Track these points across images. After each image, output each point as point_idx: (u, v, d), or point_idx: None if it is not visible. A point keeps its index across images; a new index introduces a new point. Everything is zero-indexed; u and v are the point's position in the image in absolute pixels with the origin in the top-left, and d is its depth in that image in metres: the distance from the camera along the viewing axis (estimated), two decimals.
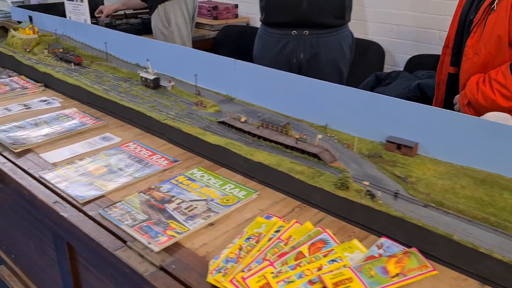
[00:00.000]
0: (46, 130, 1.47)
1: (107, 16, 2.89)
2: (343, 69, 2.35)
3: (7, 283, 1.51)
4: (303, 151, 1.20)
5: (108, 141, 1.42)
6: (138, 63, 1.97)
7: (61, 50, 2.16)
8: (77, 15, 2.24)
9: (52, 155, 1.33)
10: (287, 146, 1.23)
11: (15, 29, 2.43)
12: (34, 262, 1.33)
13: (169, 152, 1.35)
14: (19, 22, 2.59)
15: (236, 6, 3.41)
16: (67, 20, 2.31)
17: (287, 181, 1.10)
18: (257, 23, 3.61)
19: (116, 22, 2.97)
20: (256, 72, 1.52)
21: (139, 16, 3.16)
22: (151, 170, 1.24)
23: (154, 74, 1.76)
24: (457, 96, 1.74)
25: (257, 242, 0.92)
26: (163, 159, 1.31)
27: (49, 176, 1.20)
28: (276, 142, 1.25)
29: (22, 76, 2.02)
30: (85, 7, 2.16)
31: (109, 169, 1.24)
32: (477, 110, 1.63)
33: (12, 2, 5.34)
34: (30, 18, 2.59)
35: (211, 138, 1.29)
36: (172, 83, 1.71)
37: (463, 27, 1.75)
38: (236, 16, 3.41)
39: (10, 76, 2.06)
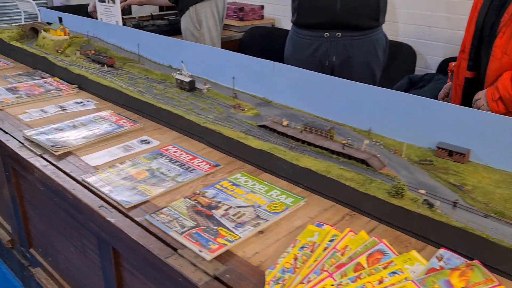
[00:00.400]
0: (84, 132, 1.46)
1: (128, 7, 2.88)
2: (376, 72, 2.31)
3: (44, 286, 1.51)
4: (350, 157, 1.17)
5: (146, 145, 1.41)
6: (170, 65, 1.96)
7: (92, 51, 2.16)
8: (108, 17, 2.24)
9: (92, 158, 1.32)
10: (333, 152, 1.20)
11: (45, 30, 2.44)
12: (74, 266, 1.32)
13: (209, 156, 1.33)
14: (49, 24, 2.60)
15: (262, 7, 3.39)
16: (98, 21, 2.31)
17: (337, 188, 1.07)
18: (283, 24, 3.58)
19: (143, 23, 2.97)
20: (296, 74, 1.50)
21: (165, 17, 3.16)
22: (194, 175, 1.22)
23: (189, 76, 1.74)
24: (482, 92, 1.69)
25: (312, 251, 0.89)
26: (205, 163, 1.29)
27: (92, 180, 1.18)
28: (321, 147, 1.22)
29: (55, 78, 2.03)
30: (116, 8, 2.16)
31: (151, 173, 1.23)
32: (509, 105, 1.60)
33: (36, 4, 5.40)
34: (60, 19, 2.60)
35: (254, 143, 1.26)
36: (208, 86, 1.69)
37: (481, 31, 1.72)
38: (262, 17, 3.39)
39: (43, 78, 2.06)
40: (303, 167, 1.13)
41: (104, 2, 2.22)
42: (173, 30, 3.07)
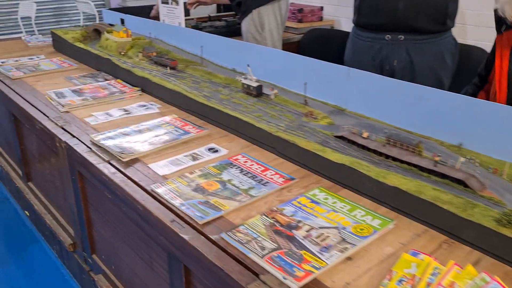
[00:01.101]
0: (150, 138, 1.42)
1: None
2: (443, 79, 2.15)
3: None
4: (444, 176, 1.05)
5: (215, 153, 1.34)
6: (234, 68, 1.89)
7: (154, 53, 2.13)
8: (171, 18, 2.21)
9: (160, 167, 1.26)
10: (423, 169, 1.09)
11: (108, 32, 2.45)
12: (139, 278, 1.28)
13: (282, 168, 1.25)
14: (111, 25, 2.61)
15: (321, 8, 3.28)
16: (160, 23, 2.29)
17: (432, 211, 0.96)
18: (342, 26, 3.46)
19: (201, 24, 2.93)
20: (372, 81, 1.39)
21: (223, 18, 3.11)
22: (268, 189, 1.14)
23: (255, 81, 1.67)
24: None
25: (413, 286, 0.79)
26: (278, 175, 1.21)
27: (162, 191, 1.13)
28: (409, 164, 1.11)
29: (119, 80, 2.01)
30: (180, 10, 2.12)
31: (222, 185, 1.16)
32: None
33: (94, 5, 5.53)
34: (122, 21, 2.60)
35: (333, 156, 1.17)
36: (275, 91, 1.61)
37: None
38: (321, 19, 3.29)
39: (106, 80, 2.05)
40: (391, 185, 1.03)
41: (167, 3, 2.19)
42: (231, 31, 3.01)
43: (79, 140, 1.44)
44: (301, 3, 3.46)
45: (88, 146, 1.39)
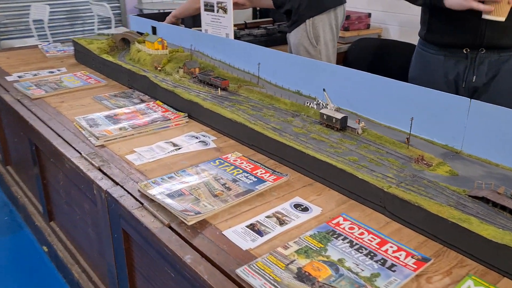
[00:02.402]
0: (217, 188, 1.10)
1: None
2: None
3: None
4: None
5: (304, 213, 1.03)
6: (299, 90, 1.58)
7: (197, 69, 1.82)
8: (216, 28, 1.90)
9: (239, 235, 0.95)
10: None
11: (139, 42, 2.14)
12: None
13: (402, 239, 0.93)
14: (140, 33, 2.31)
15: (369, 15, 2.96)
16: (202, 33, 1.98)
17: None
18: (391, 35, 3.14)
19: (239, 33, 2.62)
20: (502, 116, 1.08)
21: (261, 26, 2.80)
22: (400, 276, 0.82)
23: (336, 110, 1.36)
24: None
25: None
26: (403, 252, 0.89)
27: (254, 280, 0.81)
28: None
29: (158, 102, 1.70)
30: (229, 19, 1.81)
31: (334, 269, 0.84)
32: None
33: (112, 7, 5.23)
34: (154, 29, 2.30)
35: (485, 230, 0.85)
36: (362, 124, 1.29)
37: None
38: (368, 26, 2.97)
39: (143, 100, 1.74)
40: None
41: (212, 11, 1.88)
42: (271, 40, 2.70)
43: (125, 190, 1.13)
44: (347, 9, 3.14)
45: (137, 200, 1.08)
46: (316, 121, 1.37)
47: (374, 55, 2.73)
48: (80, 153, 1.32)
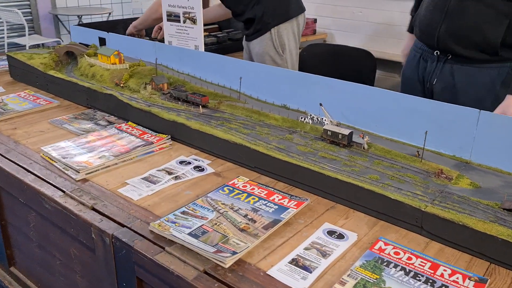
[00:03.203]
0: (241, 221, 1.01)
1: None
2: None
3: None
4: None
5: (340, 240, 0.97)
6: (285, 104, 1.52)
7: (166, 85, 1.69)
8: (183, 40, 1.77)
9: (285, 273, 0.87)
10: None
11: (89, 55, 1.94)
12: None
13: (452, 261, 0.91)
14: (86, 45, 2.10)
15: (315, 21, 2.98)
16: (165, 45, 1.84)
17: None
18: (336, 40, 3.20)
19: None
20: (510, 125, 1.11)
21: (211, 34, 2.69)
22: None
23: (336, 125, 1.32)
24: None
25: None
26: (460, 275, 0.87)
27: None
28: None
29: (131, 123, 1.54)
30: (198, 30, 1.70)
31: None
32: None
33: (23, 13, 4.78)
34: (102, 41, 2.10)
35: None
36: (367, 138, 1.27)
37: None
38: (314, 32, 2.99)
39: (110, 123, 1.57)
40: None
41: (177, 22, 1.75)
42: (222, 49, 2.61)
43: (135, 232, 0.99)
44: None
45: (155, 243, 0.95)
46: (317, 137, 1.32)
47: (326, 61, 2.75)
48: (63, 191, 1.15)
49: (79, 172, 1.22)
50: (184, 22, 1.73)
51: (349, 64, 2.59)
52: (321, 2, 2.96)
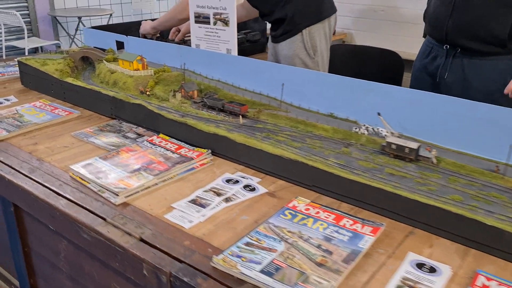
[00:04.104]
0: (315, 252, 0.88)
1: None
2: (504, 104, 1.81)
3: None
4: None
5: (435, 275, 0.85)
6: (332, 112, 1.39)
7: (196, 92, 1.56)
8: (213, 43, 1.64)
9: None
10: None
11: (108, 61, 1.81)
12: None
13: None
14: (103, 50, 1.96)
15: None
16: (193, 49, 1.70)
17: None
18: (356, 40, 3.08)
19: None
20: None
21: (241, 31, 2.55)
22: None
23: (397, 136, 1.19)
24: None
25: None
26: None
27: None
28: None
29: (163, 136, 1.41)
30: (231, 33, 1.57)
31: None
32: None
33: (20, 15, 4.62)
34: (119, 45, 1.96)
35: None
36: (434, 151, 1.14)
37: None
38: (334, 32, 2.86)
39: (139, 135, 1.44)
40: None
41: (207, 24, 1.62)
42: (241, 51, 2.47)
43: (195, 269, 0.86)
44: None
45: (222, 283, 0.82)
46: (377, 151, 1.20)
47: (349, 63, 2.62)
48: (103, 218, 1.01)
49: (118, 195, 1.08)
50: (215, 24, 1.60)
51: (375, 66, 2.47)
52: (339, 0, 2.84)
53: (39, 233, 1.22)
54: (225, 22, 1.57)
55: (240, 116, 1.39)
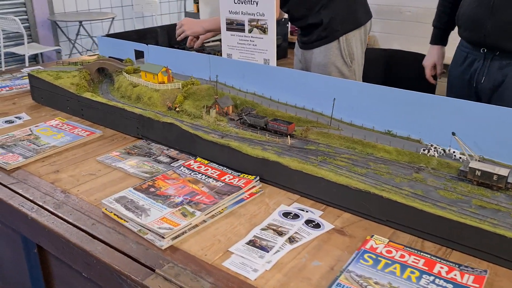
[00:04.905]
0: None
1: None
2: None
3: None
4: None
5: None
6: (390, 130, 1.24)
7: (231, 108, 1.41)
8: (248, 53, 1.48)
9: None
10: None
11: (128, 72, 1.65)
12: None
13: None
14: (120, 60, 1.81)
15: None
16: (224, 59, 1.55)
17: None
18: (378, 44, 2.92)
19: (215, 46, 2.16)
20: None
21: None
22: None
23: (478, 160, 1.04)
24: None
25: None
26: None
27: None
28: None
29: (202, 160, 1.25)
30: (270, 41, 1.41)
31: None
32: None
33: (20, 20, 4.45)
34: (139, 54, 1.80)
35: None
36: None
37: None
38: None
39: (173, 159, 1.28)
40: None
41: (241, 31, 1.46)
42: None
43: None
44: None
45: None
46: (453, 176, 1.05)
47: (378, 68, 2.47)
48: (151, 269, 0.85)
49: (164, 238, 0.92)
50: (250, 31, 1.44)
51: (406, 71, 2.33)
52: None
53: (68, 279, 1.06)
54: (263, 30, 1.41)
55: (289, 136, 1.24)
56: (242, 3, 1.43)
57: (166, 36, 2.21)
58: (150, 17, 5.89)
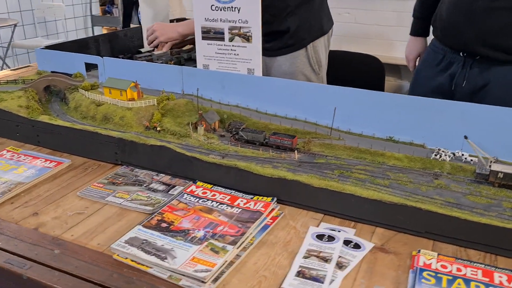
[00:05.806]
0: None
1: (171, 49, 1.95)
2: None
3: None
4: None
5: None
6: (391, 136, 1.23)
7: (217, 123, 1.31)
8: (228, 63, 1.37)
9: None
10: None
11: (85, 89, 1.46)
12: None
13: None
14: (69, 75, 1.60)
15: None
16: (200, 70, 1.42)
17: None
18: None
19: (180, 55, 2.01)
20: None
21: (183, 51, 2.26)
22: None
23: (494, 162, 1.06)
24: None
25: None
26: None
27: None
28: None
29: (204, 184, 1.13)
30: (254, 49, 1.32)
31: None
32: None
33: None
34: (89, 67, 1.61)
35: None
36: None
37: None
38: None
39: (167, 185, 1.15)
40: None
41: (219, 40, 1.35)
42: None
43: None
44: None
45: None
46: (471, 180, 1.05)
47: (328, 69, 2.47)
48: None
49: (205, 282, 0.81)
50: (231, 40, 1.34)
51: (354, 72, 2.37)
52: None
53: None
54: (246, 38, 1.32)
55: (295, 151, 1.17)
56: (220, 10, 1.33)
57: (109, 45, 2.01)
58: (53, 22, 5.42)
